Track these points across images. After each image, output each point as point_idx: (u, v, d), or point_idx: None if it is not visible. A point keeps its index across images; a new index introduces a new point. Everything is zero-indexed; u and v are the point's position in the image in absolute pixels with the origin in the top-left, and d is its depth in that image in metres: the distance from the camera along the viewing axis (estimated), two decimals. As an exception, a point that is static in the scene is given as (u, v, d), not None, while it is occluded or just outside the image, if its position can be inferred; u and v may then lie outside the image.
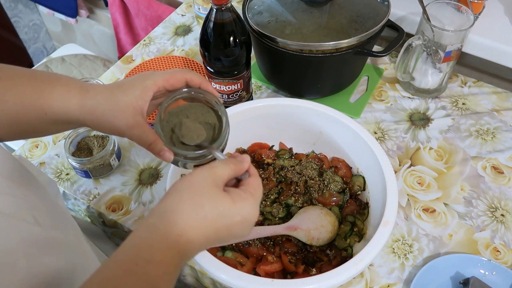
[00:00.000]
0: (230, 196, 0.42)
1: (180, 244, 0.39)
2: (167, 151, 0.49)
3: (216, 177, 0.43)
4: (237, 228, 0.43)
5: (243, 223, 0.43)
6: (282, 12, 0.79)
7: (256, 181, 0.46)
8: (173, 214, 0.40)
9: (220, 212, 0.41)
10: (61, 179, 0.78)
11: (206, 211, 0.41)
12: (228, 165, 0.44)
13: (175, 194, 0.42)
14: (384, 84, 0.91)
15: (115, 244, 0.81)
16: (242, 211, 0.42)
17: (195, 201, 0.41)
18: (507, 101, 0.87)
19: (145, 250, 0.38)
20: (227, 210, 0.41)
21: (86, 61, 1.49)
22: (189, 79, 0.51)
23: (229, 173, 0.44)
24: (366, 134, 0.65)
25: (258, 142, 0.77)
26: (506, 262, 0.67)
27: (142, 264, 0.37)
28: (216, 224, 0.41)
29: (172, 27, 1.06)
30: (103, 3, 1.56)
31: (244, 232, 0.44)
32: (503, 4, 0.92)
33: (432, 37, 0.78)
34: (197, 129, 0.52)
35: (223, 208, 0.41)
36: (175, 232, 0.39)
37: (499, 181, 0.76)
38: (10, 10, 1.76)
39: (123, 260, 0.37)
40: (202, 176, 0.43)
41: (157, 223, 0.40)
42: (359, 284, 0.65)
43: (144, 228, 0.40)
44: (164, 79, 0.50)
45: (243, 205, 0.42)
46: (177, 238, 0.39)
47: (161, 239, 0.39)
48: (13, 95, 0.46)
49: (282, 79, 0.87)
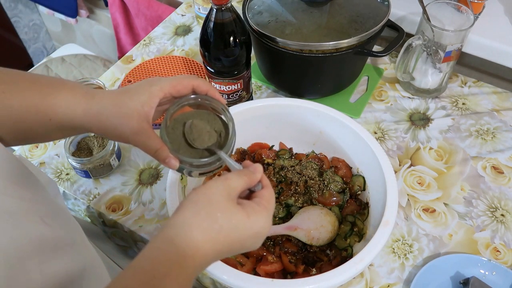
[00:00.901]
0: (244, 210, 0.43)
1: (195, 258, 0.40)
2: (172, 159, 0.48)
3: (230, 190, 0.43)
4: (249, 242, 0.43)
5: (256, 236, 0.43)
6: (282, 12, 0.79)
7: (269, 193, 0.46)
8: (190, 228, 0.40)
9: (234, 226, 0.42)
10: (61, 179, 0.78)
11: (221, 225, 0.41)
12: (241, 177, 0.44)
13: (191, 206, 0.42)
14: (384, 84, 0.91)
15: (115, 244, 0.81)
16: (255, 225, 0.43)
17: (210, 215, 0.41)
18: (507, 101, 0.87)
19: (162, 263, 0.38)
20: (241, 224, 0.42)
21: (86, 61, 1.49)
22: (196, 86, 0.51)
23: (243, 185, 0.44)
24: (366, 134, 0.65)
25: (258, 142, 0.77)
26: (506, 262, 0.67)
27: (159, 277, 0.37)
28: (230, 238, 0.42)
29: (172, 27, 1.07)
30: (103, 3, 1.56)
31: (256, 244, 0.44)
32: (503, 4, 0.92)
33: (432, 37, 0.78)
34: (207, 132, 0.51)
35: (237, 222, 0.42)
36: (192, 246, 0.40)
37: (499, 181, 0.76)
38: (10, 10, 1.76)
39: (140, 272, 0.38)
40: (217, 189, 0.43)
41: (174, 237, 0.40)
42: (359, 284, 0.65)
43: (161, 241, 0.40)
44: (171, 85, 0.49)
45: (256, 218, 0.43)
46: (193, 252, 0.40)
47: (178, 253, 0.39)
48: (17, 100, 0.46)
49: (282, 79, 0.87)
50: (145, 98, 0.48)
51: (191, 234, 0.40)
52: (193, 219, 0.41)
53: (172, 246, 0.39)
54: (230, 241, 0.42)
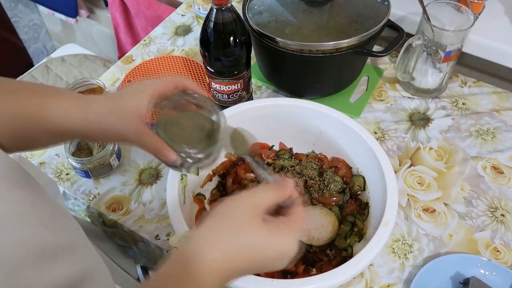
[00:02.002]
0: (269, 228, 0.41)
1: (219, 271, 0.39)
2: (173, 154, 0.49)
3: (256, 206, 0.42)
4: (272, 262, 0.42)
5: (279, 257, 0.42)
6: (282, 12, 0.79)
7: (298, 212, 0.44)
8: (208, 244, 0.40)
9: (256, 244, 0.41)
10: (61, 179, 0.78)
11: (241, 242, 0.40)
12: (269, 192, 0.43)
13: (213, 220, 0.42)
14: (384, 84, 0.91)
15: (115, 244, 0.81)
16: (279, 245, 0.41)
17: (231, 231, 0.41)
18: (507, 101, 0.87)
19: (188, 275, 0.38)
20: (264, 243, 0.41)
21: (86, 61, 1.49)
22: (185, 86, 0.53)
23: (270, 201, 0.43)
24: (366, 134, 0.65)
25: (258, 142, 0.77)
26: (506, 262, 0.67)
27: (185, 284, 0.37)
28: (251, 256, 0.41)
29: (172, 27, 1.07)
30: (103, 3, 1.56)
31: (280, 265, 0.43)
32: (503, 4, 0.92)
33: (432, 37, 0.78)
34: (199, 128, 0.52)
35: (258, 240, 0.41)
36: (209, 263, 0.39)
37: (499, 181, 0.76)
38: (10, 10, 1.76)
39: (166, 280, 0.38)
40: (241, 203, 0.42)
41: (197, 248, 0.40)
42: (359, 284, 0.65)
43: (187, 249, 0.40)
44: (163, 86, 0.51)
45: (281, 238, 0.41)
46: (216, 265, 0.39)
47: (202, 264, 0.39)
48: (15, 110, 0.47)
49: (282, 79, 0.87)
50: (140, 100, 0.49)
51: (210, 249, 0.39)
52: (213, 234, 0.40)
53: (189, 261, 0.39)
54: (250, 259, 0.41)
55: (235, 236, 0.40)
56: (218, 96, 0.79)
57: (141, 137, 0.49)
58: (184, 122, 0.53)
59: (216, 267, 0.39)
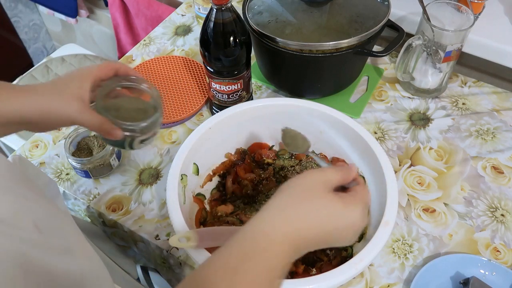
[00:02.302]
0: (342, 199, 0.43)
1: (294, 240, 0.40)
2: (116, 129, 0.55)
3: (326, 180, 0.44)
4: (345, 232, 0.43)
5: (352, 227, 0.43)
6: (282, 12, 0.79)
7: (364, 190, 0.46)
8: (288, 210, 0.41)
9: (331, 213, 0.42)
10: (61, 179, 0.78)
11: (318, 211, 0.41)
12: (337, 171, 0.45)
13: (289, 192, 0.43)
14: (384, 84, 0.91)
15: (115, 244, 0.81)
16: (352, 215, 0.43)
17: (308, 200, 0.42)
18: (507, 101, 0.87)
19: (263, 239, 0.39)
20: (338, 212, 0.42)
21: (86, 61, 1.49)
22: (118, 68, 0.59)
23: (338, 179, 0.45)
24: (366, 134, 0.65)
25: (258, 142, 0.77)
26: (506, 262, 0.67)
27: (260, 251, 0.38)
28: (326, 225, 0.42)
29: (172, 27, 1.07)
30: (103, 3, 1.56)
31: (351, 237, 0.44)
32: (503, 4, 0.92)
33: (432, 37, 0.78)
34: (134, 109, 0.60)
35: (334, 209, 0.42)
36: (290, 227, 0.40)
37: (499, 181, 0.76)
38: (10, 10, 1.76)
39: (240, 246, 0.39)
40: (314, 178, 0.44)
41: (274, 217, 0.41)
42: (359, 284, 0.65)
43: (261, 218, 0.41)
44: (98, 69, 0.57)
45: (354, 209, 0.43)
46: (292, 234, 0.40)
47: (277, 231, 0.40)
48: None
49: (282, 79, 0.87)
50: (78, 83, 0.54)
51: (289, 217, 0.41)
52: (292, 204, 0.42)
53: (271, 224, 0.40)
54: (326, 228, 0.42)
55: (312, 206, 0.42)
56: (218, 96, 0.79)
57: (83, 115, 0.53)
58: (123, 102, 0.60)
59: (289, 236, 0.40)
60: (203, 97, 0.88)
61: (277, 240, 0.39)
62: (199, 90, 0.89)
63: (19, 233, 0.38)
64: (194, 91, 0.89)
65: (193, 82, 0.91)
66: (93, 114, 0.54)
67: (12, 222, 0.38)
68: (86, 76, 0.55)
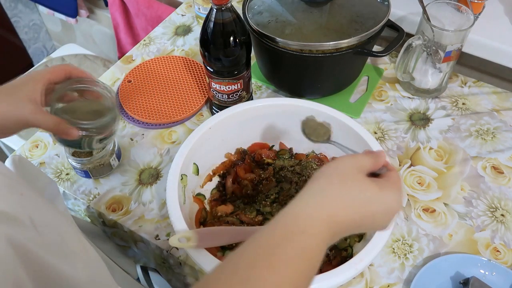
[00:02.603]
0: (377, 184, 0.43)
1: (330, 223, 0.40)
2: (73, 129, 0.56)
3: (360, 165, 0.44)
4: (380, 217, 0.43)
5: (387, 212, 0.44)
6: (282, 12, 0.79)
7: (396, 175, 0.46)
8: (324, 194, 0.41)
9: (367, 197, 0.42)
10: (61, 179, 0.78)
11: (354, 194, 0.42)
12: (369, 157, 0.45)
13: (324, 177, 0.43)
14: (384, 84, 0.91)
15: (115, 244, 0.81)
16: (388, 199, 0.43)
17: (344, 184, 0.42)
18: (507, 101, 0.87)
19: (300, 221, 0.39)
20: (374, 196, 0.42)
21: (86, 61, 1.49)
22: (70, 70, 0.60)
23: (370, 164, 0.45)
24: (366, 134, 0.65)
25: (258, 142, 0.77)
26: (506, 262, 0.67)
27: (297, 232, 0.38)
28: (363, 209, 0.42)
29: (172, 27, 1.07)
30: (103, 3, 1.56)
31: (386, 222, 0.45)
32: (503, 4, 0.92)
33: (432, 37, 0.78)
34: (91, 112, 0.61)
35: (370, 193, 0.42)
36: (327, 211, 0.40)
37: (499, 181, 0.76)
38: (10, 10, 1.76)
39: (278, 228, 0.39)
40: (348, 162, 0.44)
41: (310, 201, 0.41)
42: (359, 284, 0.65)
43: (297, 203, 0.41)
44: (50, 72, 0.58)
45: (389, 193, 0.43)
46: (329, 218, 0.40)
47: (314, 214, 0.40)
48: None
49: (282, 79, 0.87)
50: (31, 86, 0.55)
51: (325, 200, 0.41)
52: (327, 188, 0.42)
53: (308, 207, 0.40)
54: (362, 211, 0.42)
55: (348, 190, 0.42)
56: (218, 96, 0.79)
57: (38, 116, 0.54)
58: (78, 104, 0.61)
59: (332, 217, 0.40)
60: (203, 97, 0.88)
61: (315, 223, 0.39)
62: (199, 90, 0.89)
63: (15, 225, 0.38)
64: (194, 91, 0.89)
65: (193, 82, 0.91)
66: (48, 115, 0.56)
67: (8, 214, 0.38)
68: (39, 79, 0.56)
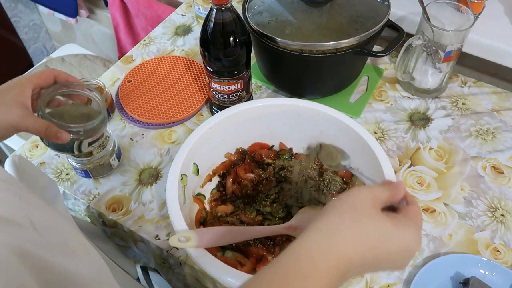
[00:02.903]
0: (392, 220, 0.40)
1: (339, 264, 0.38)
2: (63, 132, 0.56)
3: (374, 197, 0.41)
4: (396, 257, 0.40)
5: (404, 251, 0.40)
6: (282, 12, 0.79)
7: (416, 209, 0.43)
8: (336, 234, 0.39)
9: (381, 235, 0.39)
10: (61, 179, 0.78)
11: (367, 232, 0.39)
12: (385, 189, 0.42)
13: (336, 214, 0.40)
14: (384, 84, 0.91)
15: (115, 244, 0.81)
16: (405, 238, 0.40)
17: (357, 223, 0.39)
18: (507, 101, 0.87)
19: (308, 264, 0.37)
20: (389, 234, 0.39)
21: (86, 61, 1.49)
22: (57, 75, 0.60)
23: (387, 197, 0.42)
24: (366, 134, 0.65)
25: (258, 142, 0.77)
26: (506, 262, 0.67)
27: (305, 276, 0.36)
28: (376, 248, 0.39)
29: (172, 27, 1.07)
30: (103, 3, 1.56)
31: (403, 262, 0.41)
32: (503, 4, 0.92)
33: (432, 37, 0.78)
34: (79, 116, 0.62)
35: (384, 231, 0.39)
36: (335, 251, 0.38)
37: (499, 181, 0.76)
38: (10, 10, 1.76)
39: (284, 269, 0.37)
40: (363, 196, 0.41)
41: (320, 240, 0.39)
42: (359, 284, 0.65)
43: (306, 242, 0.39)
44: (36, 77, 0.58)
45: (405, 231, 0.40)
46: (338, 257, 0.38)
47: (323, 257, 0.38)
48: None
49: (282, 79, 0.87)
50: (18, 90, 0.56)
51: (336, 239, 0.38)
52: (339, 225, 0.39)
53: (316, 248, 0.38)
54: (376, 251, 0.39)
55: (359, 226, 0.39)
56: (218, 96, 0.79)
57: (27, 120, 0.54)
58: (66, 108, 0.62)
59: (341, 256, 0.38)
60: (203, 97, 0.88)
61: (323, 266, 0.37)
62: (199, 90, 0.89)
63: (15, 229, 0.38)
64: (194, 91, 0.89)
65: (193, 82, 0.91)
66: (37, 119, 0.56)
67: (7, 219, 0.38)
68: (26, 84, 0.56)
